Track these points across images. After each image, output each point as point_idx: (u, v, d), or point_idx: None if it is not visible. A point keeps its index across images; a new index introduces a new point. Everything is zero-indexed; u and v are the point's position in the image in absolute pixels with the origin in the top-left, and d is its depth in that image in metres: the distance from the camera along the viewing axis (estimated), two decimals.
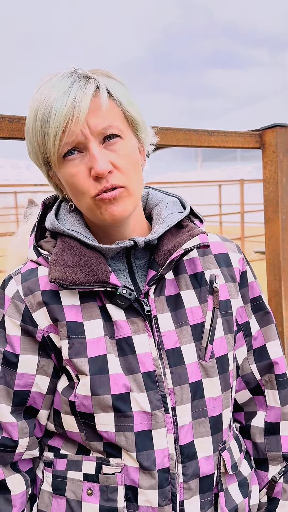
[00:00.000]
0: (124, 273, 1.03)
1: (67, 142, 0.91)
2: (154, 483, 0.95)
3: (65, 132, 0.90)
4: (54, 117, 0.90)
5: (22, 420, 1.01)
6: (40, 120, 0.92)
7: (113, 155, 0.93)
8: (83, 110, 0.89)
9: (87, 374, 0.95)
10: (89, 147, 0.92)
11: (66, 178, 0.95)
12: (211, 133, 1.58)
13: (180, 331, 1.01)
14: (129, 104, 0.97)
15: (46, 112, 0.91)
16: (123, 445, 0.95)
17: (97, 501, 0.96)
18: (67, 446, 1.04)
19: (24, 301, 0.99)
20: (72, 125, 0.90)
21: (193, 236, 1.00)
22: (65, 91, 0.90)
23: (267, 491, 1.14)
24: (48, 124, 0.91)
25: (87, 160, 0.93)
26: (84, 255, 0.97)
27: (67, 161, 0.94)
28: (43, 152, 0.95)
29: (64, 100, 0.89)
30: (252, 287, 1.16)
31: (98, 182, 0.92)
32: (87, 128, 0.91)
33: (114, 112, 0.94)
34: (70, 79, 0.92)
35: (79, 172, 0.93)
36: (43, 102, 0.92)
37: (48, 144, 0.92)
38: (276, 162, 1.66)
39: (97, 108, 0.92)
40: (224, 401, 1.03)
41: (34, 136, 0.94)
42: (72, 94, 0.90)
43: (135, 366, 0.96)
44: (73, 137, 0.91)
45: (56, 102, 0.90)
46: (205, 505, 1.00)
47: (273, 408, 1.15)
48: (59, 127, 0.90)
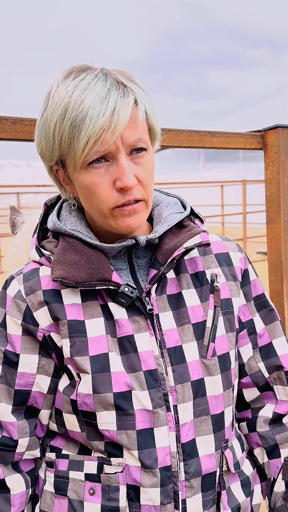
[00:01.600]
0: (126, 272, 1.04)
1: (97, 151, 0.90)
2: (156, 481, 0.95)
3: (98, 141, 0.88)
4: (89, 124, 0.87)
5: (22, 420, 1.02)
6: (70, 122, 0.89)
7: (138, 169, 0.93)
8: (121, 122, 0.88)
9: (88, 372, 0.95)
10: (118, 158, 0.91)
11: (86, 184, 0.94)
12: (213, 134, 1.59)
13: (181, 329, 1.01)
14: (153, 115, 0.96)
15: (80, 116, 0.87)
16: (125, 444, 0.95)
17: (99, 501, 0.97)
18: (69, 447, 1.04)
19: (26, 300, 0.99)
20: (107, 135, 0.88)
21: (194, 235, 1.01)
22: (103, 98, 0.87)
23: (283, 476, 1.10)
24: (80, 129, 0.88)
25: (113, 171, 0.92)
26: (86, 254, 0.98)
27: (91, 168, 0.92)
28: (62, 152, 0.93)
29: (102, 108, 0.87)
30: (255, 285, 1.16)
31: (122, 195, 0.92)
32: (120, 139, 0.90)
33: (143, 125, 0.94)
34: (106, 83, 0.89)
35: (102, 181, 0.92)
36: (75, 104, 0.88)
37: (75, 149, 0.90)
38: (278, 163, 1.67)
39: (133, 120, 0.91)
40: (226, 399, 1.04)
41: (58, 134, 0.91)
42: (111, 103, 0.87)
43: (137, 364, 0.97)
44: (105, 147, 0.89)
45: (93, 109, 0.87)
46: (208, 503, 1.00)
47: (284, 401, 1.14)
48: (93, 135, 0.87)
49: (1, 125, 1.19)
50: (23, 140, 1.19)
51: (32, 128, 1.19)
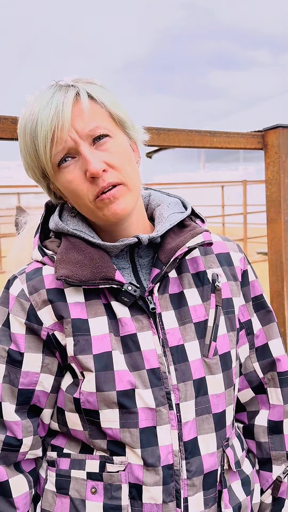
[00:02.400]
0: (128, 271, 1.04)
1: (58, 151, 0.94)
2: (158, 479, 0.96)
3: (53, 140, 0.93)
4: (40, 128, 0.93)
5: (26, 419, 1.02)
6: (29, 134, 0.95)
7: (105, 154, 0.95)
8: (66, 116, 0.92)
9: (92, 370, 0.95)
10: (80, 150, 0.94)
11: (65, 186, 0.97)
12: (213, 134, 1.59)
13: (183, 328, 1.02)
14: (113, 104, 0.99)
15: (34, 125, 0.94)
16: (128, 442, 0.96)
17: (101, 500, 0.97)
18: (70, 445, 1.05)
19: (29, 299, 1.00)
20: (59, 132, 0.92)
21: (197, 234, 1.02)
22: (47, 102, 0.93)
23: (272, 491, 1.14)
24: (36, 136, 0.94)
25: (81, 164, 0.94)
26: (89, 253, 0.98)
27: (62, 169, 0.96)
28: (38, 166, 0.98)
29: (47, 110, 0.92)
30: (253, 286, 1.17)
31: (96, 184, 0.94)
32: (75, 132, 0.93)
33: (99, 113, 0.96)
34: (52, 90, 0.95)
35: (75, 177, 0.95)
36: (30, 117, 0.95)
37: (41, 156, 0.95)
38: (278, 163, 1.67)
39: (80, 112, 0.94)
40: (227, 398, 1.04)
41: (27, 151, 0.97)
42: (54, 103, 0.92)
43: (140, 362, 0.97)
44: (63, 144, 0.93)
45: (40, 114, 0.93)
46: (209, 501, 1.00)
47: (276, 406, 1.15)
48: (47, 136, 0.92)
49: (0, 125, 1.19)
50: None
51: None
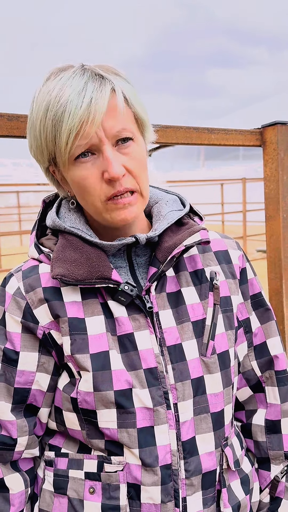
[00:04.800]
0: (125, 270, 1.04)
1: (80, 144, 0.90)
2: (156, 479, 0.95)
3: (79, 134, 0.88)
4: (68, 118, 0.88)
5: (22, 418, 1.01)
6: (52, 119, 0.90)
7: (126, 159, 0.93)
8: (99, 112, 0.88)
9: (89, 370, 0.95)
10: (103, 150, 0.91)
11: (76, 180, 0.94)
12: (211, 130, 1.58)
13: (181, 327, 1.01)
14: (138, 104, 0.96)
15: (59, 111, 0.88)
16: (126, 442, 0.95)
17: (99, 500, 0.96)
18: (68, 445, 1.04)
19: (25, 297, 0.99)
20: (87, 127, 0.88)
21: (194, 232, 1.01)
22: (80, 91, 0.88)
23: (270, 491, 1.14)
24: (60, 125, 0.89)
25: (100, 163, 0.92)
26: (85, 251, 0.97)
27: (79, 163, 0.92)
28: (50, 150, 0.94)
29: (79, 101, 0.87)
30: (252, 284, 1.16)
31: (111, 186, 0.92)
32: (102, 130, 0.90)
33: (127, 114, 0.93)
34: (83, 77, 0.90)
35: (91, 175, 0.92)
36: (55, 100, 0.89)
37: (59, 145, 0.90)
38: (277, 160, 1.66)
39: (112, 110, 0.90)
40: (225, 397, 1.04)
41: (43, 133, 0.92)
42: (88, 95, 0.88)
43: (137, 362, 0.97)
44: (87, 139, 0.89)
45: (71, 103, 0.88)
46: (208, 501, 1.00)
47: (273, 405, 1.15)
48: (73, 129, 0.88)
49: None
50: (19, 137, 1.19)
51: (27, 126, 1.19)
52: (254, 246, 11.77)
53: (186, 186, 15.06)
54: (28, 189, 14.32)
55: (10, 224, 16.38)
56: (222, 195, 12.37)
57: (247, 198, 10.38)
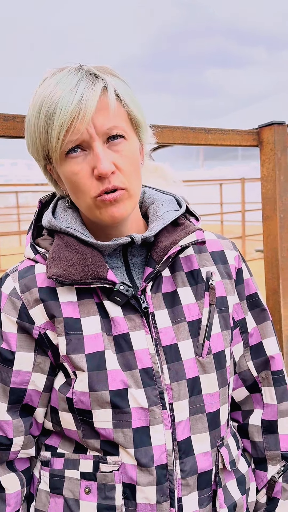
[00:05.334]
0: (121, 270, 1.04)
1: (71, 140, 0.91)
2: (152, 479, 0.95)
3: (69, 129, 0.90)
4: (59, 114, 0.89)
5: (18, 418, 1.01)
6: (44, 116, 0.91)
7: (116, 156, 0.93)
8: (90, 109, 0.89)
9: (84, 370, 0.95)
10: (93, 146, 0.92)
11: (67, 176, 0.95)
12: (208, 131, 1.58)
13: (177, 327, 1.01)
14: (134, 104, 0.97)
15: (51, 108, 0.90)
16: (121, 442, 0.95)
17: (95, 500, 0.96)
18: (64, 445, 1.04)
19: (21, 298, 0.99)
20: (77, 123, 0.89)
21: (190, 233, 1.01)
22: (72, 88, 0.90)
23: (267, 491, 1.14)
24: (52, 120, 0.90)
25: (90, 159, 0.92)
26: (81, 252, 0.97)
27: (69, 158, 0.93)
28: (44, 147, 0.95)
29: (71, 97, 0.89)
30: (248, 284, 1.16)
31: (100, 182, 0.92)
32: (93, 127, 0.91)
33: (119, 113, 0.94)
34: (77, 76, 0.91)
35: (81, 170, 0.93)
36: (48, 98, 0.91)
37: (51, 140, 0.92)
38: (273, 160, 1.66)
39: (104, 107, 0.91)
40: (221, 397, 1.04)
41: (37, 130, 0.94)
42: (79, 91, 0.89)
43: (133, 362, 0.97)
44: (78, 135, 0.90)
45: (62, 99, 0.89)
46: (204, 501, 1.00)
47: (269, 405, 1.15)
48: (64, 124, 0.89)
49: None
50: (15, 137, 1.19)
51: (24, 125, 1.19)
52: (253, 246, 11.77)
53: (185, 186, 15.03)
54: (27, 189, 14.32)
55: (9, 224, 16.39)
56: (221, 195, 12.37)
57: (246, 198, 10.38)
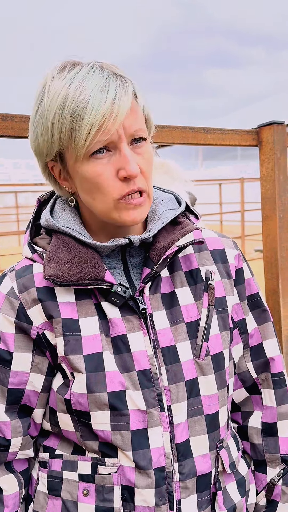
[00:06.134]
0: (119, 270, 1.03)
1: (100, 140, 0.89)
2: (150, 482, 0.94)
3: (100, 129, 0.88)
4: (91, 111, 0.87)
5: (16, 419, 1.01)
6: (71, 113, 0.88)
7: (139, 158, 0.93)
8: (123, 109, 0.88)
9: (82, 371, 0.94)
10: (120, 147, 0.90)
11: (89, 176, 0.92)
12: (208, 130, 1.58)
13: (175, 329, 1.00)
14: (148, 107, 0.97)
15: (81, 105, 0.87)
16: (119, 444, 0.95)
17: (93, 502, 0.96)
18: (63, 446, 1.03)
19: (19, 298, 0.98)
20: (109, 123, 0.88)
21: (187, 232, 1.00)
22: (102, 87, 0.88)
23: (266, 494, 1.13)
24: (81, 119, 0.87)
25: (116, 161, 0.91)
26: (79, 252, 0.96)
27: (94, 159, 0.91)
28: (62, 144, 0.92)
29: (103, 96, 0.87)
30: (249, 284, 1.15)
31: (126, 184, 0.91)
32: (122, 128, 0.90)
33: (142, 116, 0.95)
34: (103, 74, 0.90)
35: (106, 171, 0.91)
36: (75, 94, 0.88)
37: (77, 139, 0.89)
38: (273, 159, 1.65)
39: (133, 110, 0.91)
40: (220, 399, 1.03)
41: (58, 126, 0.90)
42: (111, 92, 0.87)
43: (130, 364, 0.96)
44: (108, 136, 0.89)
45: (94, 98, 0.87)
46: (203, 504, 0.99)
47: (269, 407, 1.14)
48: (95, 124, 0.87)
49: None
50: (14, 137, 1.18)
51: (23, 125, 1.18)
52: (252, 246, 11.77)
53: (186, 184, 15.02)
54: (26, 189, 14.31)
55: (8, 224, 16.38)
56: (220, 195, 12.37)
57: (245, 198, 10.38)
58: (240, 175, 18.92)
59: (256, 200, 8.21)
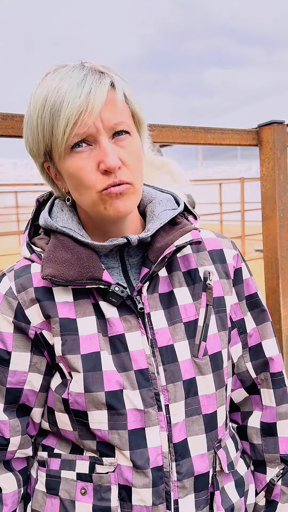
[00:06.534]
0: (118, 270, 1.03)
1: (77, 134, 0.90)
2: (147, 481, 0.94)
3: (77, 123, 0.89)
4: (66, 107, 0.88)
5: (14, 418, 1.01)
6: (50, 109, 0.90)
7: (122, 151, 0.93)
8: (98, 102, 0.88)
9: (80, 371, 0.94)
10: (100, 140, 0.91)
11: (72, 171, 0.93)
12: (208, 130, 1.57)
13: (173, 328, 1.00)
14: (136, 102, 0.97)
15: (58, 101, 0.89)
16: (117, 444, 0.95)
17: (91, 501, 0.96)
18: (61, 446, 1.03)
19: (17, 297, 0.98)
20: (85, 116, 0.88)
21: (185, 232, 1.00)
22: (79, 83, 0.89)
23: (266, 494, 1.13)
24: (59, 114, 0.89)
25: (96, 154, 0.91)
26: (77, 252, 0.96)
27: (74, 153, 0.92)
28: (46, 142, 0.94)
29: (78, 91, 0.88)
30: (247, 284, 1.15)
31: (107, 177, 0.91)
32: (100, 121, 0.90)
33: (124, 109, 0.94)
34: (83, 71, 0.91)
35: (87, 165, 0.92)
36: (54, 91, 0.90)
37: (56, 134, 0.90)
38: (273, 159, 1.65)
39: (111, 102, 0.91)
40: (218, 398, 1.03)
41: (40, 124, 0.92)
42: (87, 86, 0.89)
43: (128, 363, 0.96)
44: (85, 129, 0.89)
45: (70, 92, 0.88)
46: (200, 504, 0.99)
47: (268, 407, 1.14)
48: (71, 117, 0.88)
49: None
50: (14, 137, 1.18)
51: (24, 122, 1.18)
52: (252, 245, 11.77)
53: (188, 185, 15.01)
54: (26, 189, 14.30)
55: (8, 224, 16.38)
56: (220, 194, 12.37)
57: (245, 198, 10.38)
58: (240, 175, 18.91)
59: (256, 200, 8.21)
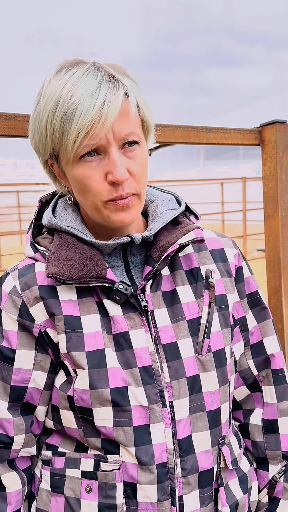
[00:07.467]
0: (121, 269, 1.04)
1: (88, 144, 0.89)
2: (153, 478, 0.95)
3: (88, 134, 0.88)
4: (79, 117, 0.86)
5: (18, 417, 1.01)
6: (61, 116, 0.88)
7: (131, 162, 0.93)
8: (112, 115, 0.87)
9: (85, 368, 0.95)
10: (109, 151, 0.90)
11: (78, 178, 0.93)
12: (210, 129, 1.58)
13: (176, 326, 1.01)
14: (146, 109, 0.96)
15: (70, 109, 0.87)
16: (122, 441, 0.95)
17: (96, 498, 0.96)
18: (65, 444, 1.04)
19: (21, 296, 0.99)
20: (97, 128, 0.87)
21: (188, 231, 1.01)
22: (93, 92, 0.87)
23: (268, 491, 1.13)
24: (70, 123, 0.88)
25: (105, 164, 0.91)
26: (81, 250, 0.97)
27: (83, 162, 0.92)
28: (55, 146, 0.93)
29: (92, 101, 0.86)
30: (248, 283, 1.16)
31: (114, 188, 0.92)
32: (112, 133, 0.89)
33: (136, 119, 0.93)
34: (97, 77, 0.89)
35: (95, 175, 0.92)
36: (66, 97, 0.88)
37: (66, 142, 0.89)
38: (275, 158, 1.66)
39: (124, 114, 0.90)
40: (222, 395, 1.03)
41: (49, 128, 0.91)
42: (101, 96, 0.87)
43: (132, 360, 0.97)
44: (96, 140, 0.89)
45: (83, 102, 0.86)
46: (205, 500, 0.99)
47: (269, 404, 1.15)
48: (83, 129, 0.87)
49: None
50: (17, 137, 1.19)
51: (26, 124, 1.18)
52: (254, 245, 11.76)
53: (186, 185, 15.05)
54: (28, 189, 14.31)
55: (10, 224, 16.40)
56: (222, 194, 12.36)
57: (247, 197, 10.38)
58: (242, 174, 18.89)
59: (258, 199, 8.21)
